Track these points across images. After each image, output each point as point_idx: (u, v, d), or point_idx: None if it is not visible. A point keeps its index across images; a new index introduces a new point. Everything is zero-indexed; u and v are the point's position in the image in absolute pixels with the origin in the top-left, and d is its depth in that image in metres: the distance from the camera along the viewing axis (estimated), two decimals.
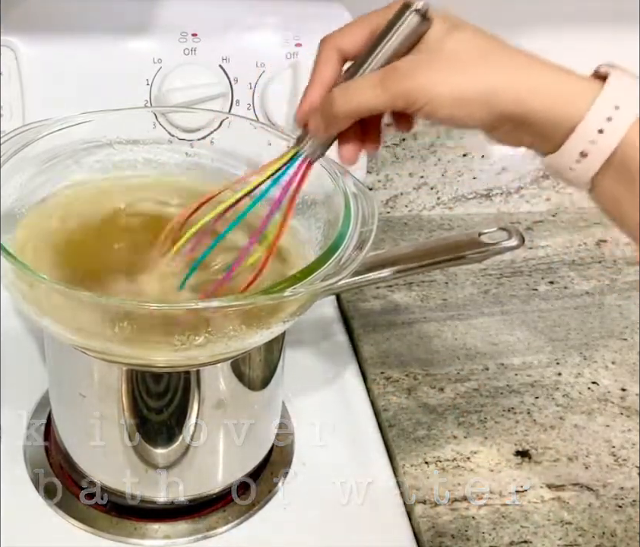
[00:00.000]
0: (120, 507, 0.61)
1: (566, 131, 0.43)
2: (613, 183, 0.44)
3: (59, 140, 0.60)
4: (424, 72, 0.44)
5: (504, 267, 0.88)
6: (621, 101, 0.43)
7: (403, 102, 0.45)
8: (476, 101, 0.44)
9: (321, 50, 0.49)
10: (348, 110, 0.47)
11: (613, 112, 0.43)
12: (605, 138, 0.43)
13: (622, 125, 0.43)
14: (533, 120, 0.44)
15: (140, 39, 0.71)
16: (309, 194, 0.61)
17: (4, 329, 0.73)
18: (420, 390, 0.71)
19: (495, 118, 0.44)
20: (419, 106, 0.44)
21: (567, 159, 0.44)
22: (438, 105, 0.44)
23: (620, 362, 0.76)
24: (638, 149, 0.43)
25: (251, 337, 0.53)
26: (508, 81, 0.44)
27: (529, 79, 0.44)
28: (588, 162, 0.44)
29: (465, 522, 0.60)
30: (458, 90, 0.44)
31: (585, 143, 0.43)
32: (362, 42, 0.48)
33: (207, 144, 0.68)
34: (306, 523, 0.61)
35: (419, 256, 0.66)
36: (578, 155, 0.44)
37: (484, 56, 0.45)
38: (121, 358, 0.54)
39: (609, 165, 0.44)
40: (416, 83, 0.44)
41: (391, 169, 0.93)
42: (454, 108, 0.44)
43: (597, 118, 0.43)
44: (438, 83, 0.44)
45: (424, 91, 0.44)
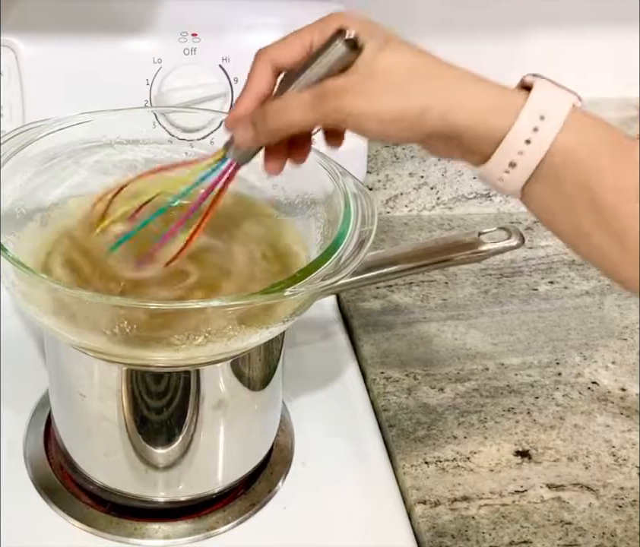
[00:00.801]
0: (120, 507, 0.61)
1: (494, 143, 0.44)
2: (543, 190, 0.45)
3: (59, 140, 0.60)
4: (353, 93, 0.45)
5: (504, 267, 0.88)
6: (545, 111, 0.44)
7: (333, 121, 0.46)
8: (405, 119, 0.45)
9: (256, 62, 0.50)
10: (280, 127, 0.48)
11: (538, 122, 0.43)
12: (532, 148, 0.44)
13: (548, 134, 0.43)
14: (462, 135, 0.45)
15: (140, 39, 0.71)
16: (309, 193, 0.61)
17: (4, 329, 0.73)
18: (420, 390, 0.71)
19: (424, 134, 0.45)
20: (350, 124, 0.46)
21: (496, 169, 0.45)
22: (368, 123, 0.45)
23: (620, 362, 0.76)
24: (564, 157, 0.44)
25: (250, 337, 0.53)
26: (435, 99, 0.44)
27: (455, 96, 0.45)
28: (517, 172, 0.45)
29: (465, 522, 0.60)
30: (387, 110, 0.45)
31: (513, 154, 0.44)
32: (296, 56, 0.49)
33: (207, 144, 0.68)
34: (306, 523, 0.61)
35: (419, 256, 0.66)
36: (507, 165, 0.45)
37: (412, 75, 0.45)
38: (121, 358, 0.54)
39: (538, 173, 0.44)
40: (345, 104, 0.45)
41: (391, 169, 0.93)
42: (383, 126, 0.45)
43: (524, 130, 0.44)
44: (366, 104, 0.45)
45: (353, 111, 0.45)
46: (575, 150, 0.44)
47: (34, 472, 0.63)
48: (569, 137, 0.44)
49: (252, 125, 0.49)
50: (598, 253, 0.45)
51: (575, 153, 0.44)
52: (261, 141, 0.50)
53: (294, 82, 0.48)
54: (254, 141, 0.50)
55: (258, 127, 0.48)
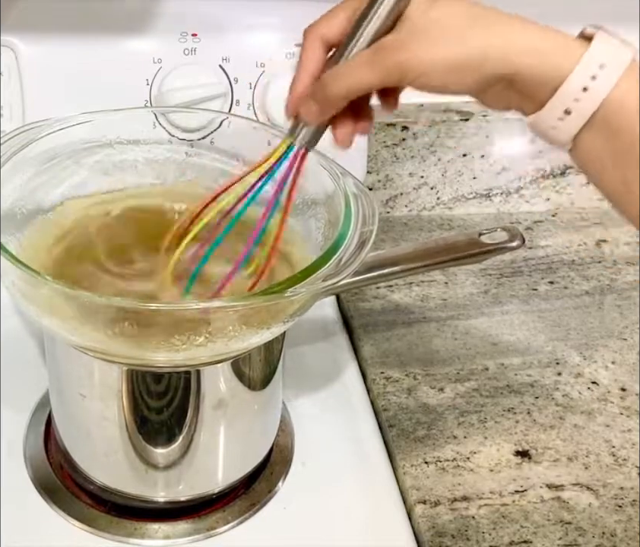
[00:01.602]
0: (120, 507, 0.61)
1: (552, 88, 0.44)
2: (595, 141, 0.45)
3: (59, 140, 0.60)
4: (413, 44, 0.45)
5: (504, 267, 0.88)
6: (605, 60, 0.44)
7: (397, 75, 0.45)
8: (468, 66, 0.44)
9: (305, 41, 0.49)
10: (341, 91, 0.47)
11: (597, 71, 0.43)
12: (589, 96, 0.43)
13: (606, 84, 0.43)
14: (521, 79, 0.44)
15: (140, 39, 0.71)
16: (310, 194, 0.61)
17: (4, 329, 0.73)
18: (420, 390, 0.71)
19: (485, 81, 0.45)
20: (412, 78, 0.45)
21: (551, 116, 0.45)
22: (430, 74, 0.45)
23: (620, 362, 0.76)
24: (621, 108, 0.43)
25: (251, 337, 0.53)
26: (495, 43, 0.44)
27: (516, 39, 0.44)
28: (571, 120, 0.44)
29: (465, 522, 0.60)
30: (449, 57, 0.44)
31: (569, 101, 0.44)
32: (344, 27, 0.48)
33: (207, 144, 0.68)
34: (306, 523, 0.61)
35: (419, 256, 0.66)
36: (561, 112, 0.44)
37: (469, 21, 0.45)
38: (121, 358, 0.54)
39: (592, 123, 0.44)
40: (407, 56, 0.45)
41: (391, 169, 0.93)
42: (446, 75, 0.45)
43: (582, 77, 0.43)
44: (428, 53, 0.45)
45: (416, 62, 0.45)
46: (630, 102, 0.43)
47: (34, 472, 0.63)
48: (626, 88, 0.43)
49: (314, 99, 0.48)
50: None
51: (630, 105, 0.43)
52: (326, 112, 0.49)
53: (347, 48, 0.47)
54: (319, 114, 0.49)
55: (319, 98, 0.48)
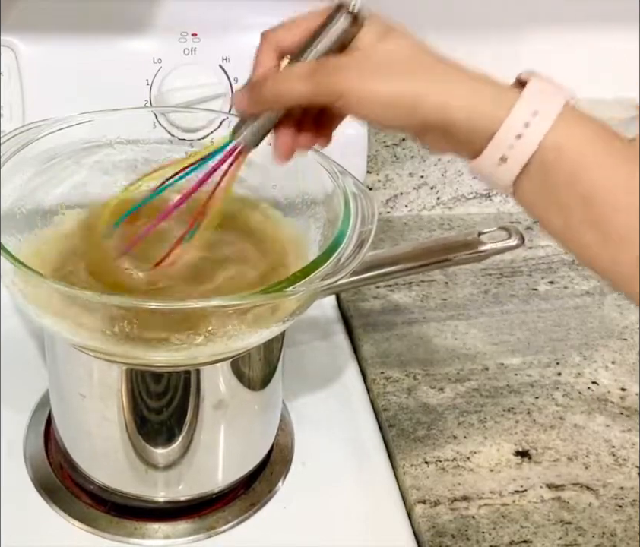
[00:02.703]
0: (120, 507, 0.61)
1: (487, 137, 0.44)
2: (534, 186, 0.45)
3: (59, 140, 0.60)
4: (353, 71, 0.45)
5: (504, 267, 0.88)
6: (539, 107, 0.44)
7: (328, 96, 0.46)
8: (400, 106, 0.45)
9: (261, 44, 0.50)
10: (275, 94, 0.48)
11: (530, 118, 0.44)
12: (523, 143, 0.44)
13: (539, 130, 0.44)
14: (456, 128, 0.45)
15: (140, 39, 0.71)
16: (309, 193, 0.61)
17: (4, 329, 0.73)
18: (420, 390, 0.71)
19: (418, 124, 0.45)
20: (344, 103, 0.46)
21: (488, 164, 0.45)
22: (363, 104, 0.45)
23: (620, 362, 0.76)
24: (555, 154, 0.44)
25: (250, 337, 0.53)
26: (432, 89, 0.45)
27: (452, 87, 0.45)
28: (508, 167, 0.45)
29: (465, 522, 0.60)
30: (384, 92, 0.45)
31: (504, 149, 0.44)
32: (298, 38, 0.49)
33: (207, 144, 0.68)
34: (306, 523, 0.61)
35: (419, 256, 0.66)
36: (498, 159, 0.45)
37: (412, 63, 0.46)
38: (121, 358, 0.54)
39: (529, 169, 0.44)
40: (344, 80, 0.45)
41: (391, 169, 0.93)
42: (378, 109, 0.45)
43: (515, 124, 0.44)
44: (365, 84, 0.45)
45: (350, 89, 0.45)
46: (565, 147, 0.44)
47: (34, 472, 0.63)
48: (560, 133, 0.44)
49: (250, 92, 0.49)
50: (589, 251, 0.45)
51: (565, 150, 0.44)
52: (255, 106, 0.49)
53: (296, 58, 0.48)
54: (249, 105, 0.49)
55: (254, 93, 0.49)
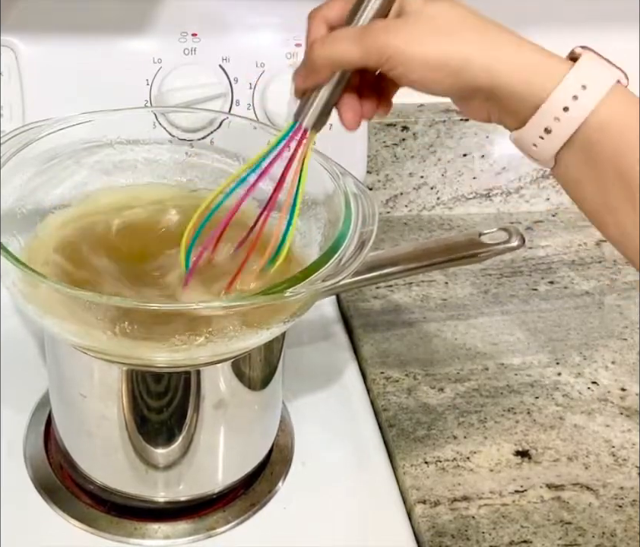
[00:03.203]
0: (120, 507, 0.61)
1: (533, 106, 0.44)
2: (575, 162, 0.45)
3: (59, 140, 0.60)
4: (401, 32, 0.45)
5: (504, 267, 0.88)
6: (588, 81, 0.43)
7: (377, 58, 0.45)
8: (448, 67, 0.44)
9: (310, 24, 0.50)
10: (324, 58, 0.47)
11: (579, 91, 0.43)
12: (569, 116, 0.43)
13: (587, 104, 0.43)
14: (502, 93, 0.44)
15: (140, 39, 0.71)
16: (310, 194, 0.61)
17: (4, 329, 0.73)
18: (420, 390, 0.71)
19: (465, 87, 0.45)
20: (391, 65, 0.45)
21: (532, 134, 0.45)
22: (409, 66, 0.45)
23: (620, 362, 0.76)
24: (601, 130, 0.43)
25: (251, 337, 0.53)
26: (480, 52, 0.44)
27: (501, 52, 0.44)
28: (552, 139, 0.44)
29: (465, 522, 0.60)
30: (432, 54, 0.44)
31: (550, 120, 0.44)
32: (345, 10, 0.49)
33: (207, 144, 0.68)
34: (306, 523, 0.61)
35: (419, 256, 0.66)
36: (542, 131, 0.44)
37: (460, 25, 0.45)
38: (121, 358, 0.54)
39: (573, 143, 0.44)
40: (392, 41, 0.45)
41: (391, 169, 0.93)
42: (425, 71, 0.45)
43: (563, 96, 0.43)
44: (413, 45, 0.45)
45: (398, 50, 0.45)
46: (611, 124, 0.43)
47: (34, 472, 0.63)
48: (607, 110, 0.43)
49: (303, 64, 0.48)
50: (622, 231, 0.45)
51: (610, 127, 0.43)
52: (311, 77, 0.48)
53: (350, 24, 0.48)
54: (305, 78, 0.49)
55: (307, 62, 0.48)
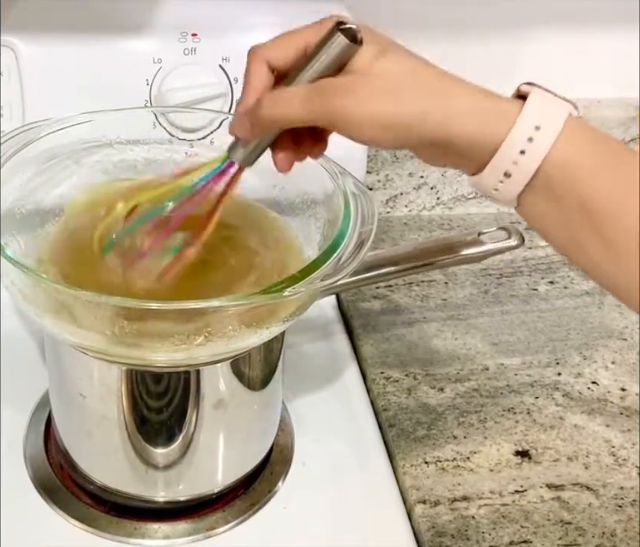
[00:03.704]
0: (120, 507, 0.61)
1: (490, 152, 0.44)
2: (538, 200, 0.45)
3: (59, 140, 0.60)
4: (350, 94, 0.44)
5: (504, 267, 0.88)
6: (541, 121, 0.43)
7: (326, 120, 0.45)
8: (401, 125, 0.44)
9: (250, 62, 0.49)
10: (272, 117, 0.47)
11: (533, 133, 0.43)
12: (527, 158, 0.43)
13: (543, 145, 0.43)
14: (457, 144, 0.44)
15: (140, 39, 0.71)
16: (309, 193, 0.61)
17: (4, 329, 0.73)
18: (420, 390, 0.71)
19: (419, 142, 0.45)
20: (342, 126, 0.45)
21: (491, 179, 0.45)
22: (360, 128, 0.45)
23: (620, 362, 0.76)
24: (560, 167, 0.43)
25: (250, 337, 0.53)
26: (432, 107, 0.44)
27: (453, 104, 0.44)
28: (512, 182, 0.44)
29: (465, 522, 0.60)
30: (382, 114, 0.44)
31: (508, 164, 0.44)
32: (290, 56, 0.48)
33: (207, 144, 0.68)
34: (306, 523, 0.61)
35: (419, 256, 0.66)
36: (502, 175, 0.44)
37: (409, 81, 0.45)
38: (121, 358, 0.54)
39: (533, 183, 0.44)
40: (342, 104, 0.44)
41: (391, 169, 0.93)
42: (376, 131, 0.44)
43: (519, 140, 0.43)
44: (362, 107, 0.44)
45: (348, 112, 0.44)
46: (568, 159, 0.43)
47: (34, 472, 0.63)
48: (564, 147, 0.43)
49: (249, 116, 0.48)
50: (592, 263, 0.45)
51: (568, 162, 0.43)
52: (256, 132, 0.49)
53: (292, 79, 0.47)
54: (249, 132, 0.49)
55: (253, 117, 0.48)
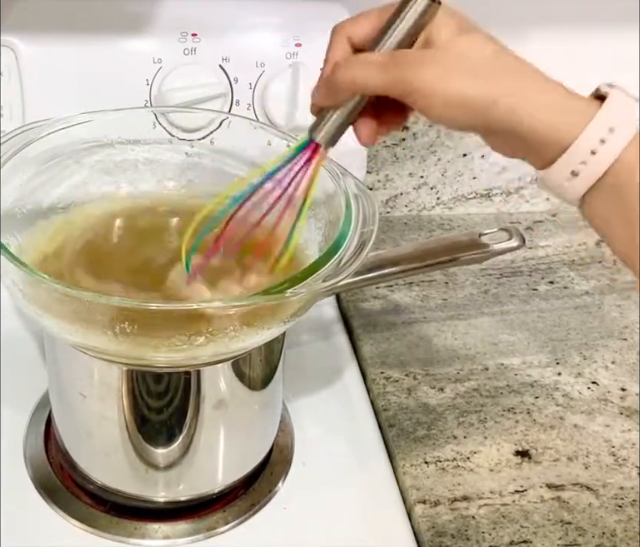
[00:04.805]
0: (120, 507, 0.61)
1: (560, 149, 0.44)
2: (603, 203, 0.44)
3: (59, 140, 0.60)
4: (428, 67, 0.44)
5: (504, 267, 0.88)
6: (616, 124, 0.43)
7: (401, 90, 0.45)
8: (471, 107, 0.44)
9: (332, 38, 0.49)
10: (347, 81, 0.47)
11: (607, 135, 0.43)
12: (597, 159, 0.43)
13: (615, 148, 0.43)
14: (528, 136, 0.44)
15: (140, 39, 0.71)
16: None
17: (4, 329, 0.73)
18: (420, 390, 0.71)
19: (490, 127, 0.45)
20: (415, 98, 0.45)
21: (558, 176, 0.44)
22: (433, 101, 0.44)
23: (620, 362, 0.76)
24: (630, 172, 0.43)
25: (251, 337, 0.53)
26: (505, 93, 0.44)
27: (527, 94, 0.44)
28: (579, 182, 0.44)
29: (465, 522, 0.60)
30: (457, 92, 0.44)
31: (577, 163, 0.43)
32: (369, 32, 0.48)
33: (207, 144, 0.68)
34: (306, 523, 0.61)
35: (419, 256, 0.66)
36: (569, 174, 0.44)
37: (486, 64, 0.45)
38: (121, 358, 0.54)
39: (600, 185, 0.44)
40: (418, 76, 0.44)
41: (391, 169, 0.93)
42: (449, 109, 0.44)
43: (591, 140, 0.43)
44: (438, 81, 0.44)
45: (423, 85, 0.44)
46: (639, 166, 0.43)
47: (34, 472, 0.63)
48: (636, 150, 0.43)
49: (325, 82, 0.48)
50: None
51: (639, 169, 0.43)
52: (331, 97, 0.48)
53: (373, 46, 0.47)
54: (325, 97, 0.48)
55: (329, 81, 0.47)
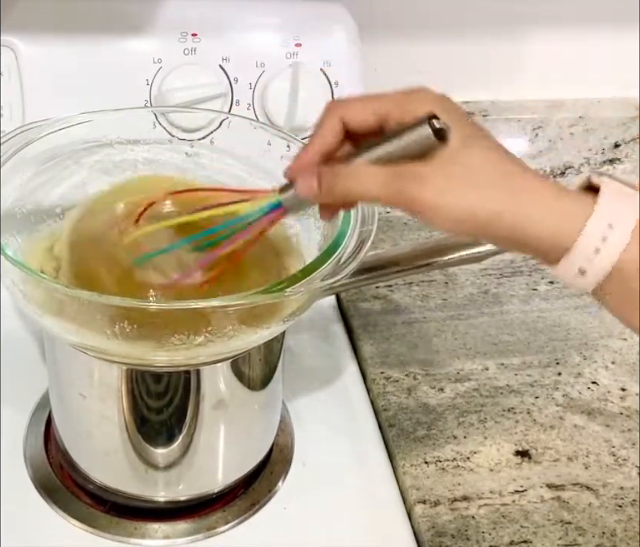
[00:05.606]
0: (120, 507, 0.61)
1: (562, 250, 0.44)
2: (614, 290, 0.44)
3: (59, 140, 0.60)
4: (430, 183, 0.44)
5: (504, 267, 0.88)
6: (613, 219, 0.43)
7: (403, 205, 0.45)
8: (475, 221, 0.44)
9: (326, 115, 0.48)
10: (345, 193, 0.47)
11: (607, 232, 0.43)
12: (602, 257, 0.43)
13: (617, 243, 0.43)
14: (532, 242, 0.44)
15: (140, 39, 0.71)
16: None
17: (4, 329, 0.73)
18: (420, 390, 0.71)
19: (494, 237, 0.45)
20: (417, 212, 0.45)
21: (567, 274, 0.45)
22: (436, 218, 0.45)
23: (620, 362, 0.76)
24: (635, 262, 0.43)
25: (251, 337, 0.53)
26: (506, 208, 0.44)
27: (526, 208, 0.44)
28: (588, 278, 0.44)
29: (465, 522, 0.60)
30: (460, 208, 0.44)
31: (583, 262, 0.44)
32: (368, 121, 0.47)
33: (207, 144, 0.68)
34: (306, 523, 0.61)
35: (419, 256, 0.66)
36: (576, 271, 0.44)
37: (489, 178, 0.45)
38: (121, 358, 0.54)
39: (610, 278, 0.44)
40: (421, 193, 0.44)
41: None
42: (452, 223, 0.45)
43: (592, 239, 0.43)
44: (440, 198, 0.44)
45: (424, 203, 0.44)
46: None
47: (34, 472, 0.63)
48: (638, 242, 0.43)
49: (318, 181, 0.47)
50: None
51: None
52: (323, 199, 0.48)
53: (368, 151, 0.46)
54: (316, 196, 0.48)
55: (323, 185, 0.47)
